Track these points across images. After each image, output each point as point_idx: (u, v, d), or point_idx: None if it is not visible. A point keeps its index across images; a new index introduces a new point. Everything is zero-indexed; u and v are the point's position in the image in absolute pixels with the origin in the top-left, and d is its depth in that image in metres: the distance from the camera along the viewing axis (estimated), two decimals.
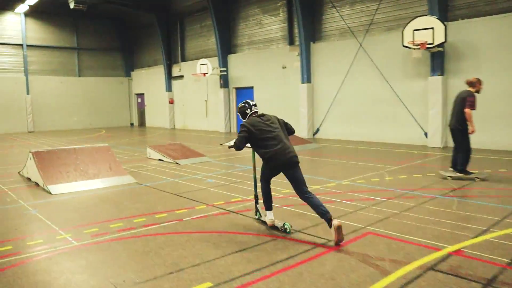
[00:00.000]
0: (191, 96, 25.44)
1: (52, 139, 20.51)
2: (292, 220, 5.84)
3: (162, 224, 5.87)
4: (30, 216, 6.53)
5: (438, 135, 14.11)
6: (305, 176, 5.47)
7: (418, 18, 13.68)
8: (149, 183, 8.81)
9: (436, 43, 13.18)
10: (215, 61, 22.47)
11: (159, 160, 12.01)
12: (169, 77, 26.88)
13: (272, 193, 5.80)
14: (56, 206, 7.16)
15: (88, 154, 8.98)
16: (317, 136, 18.40)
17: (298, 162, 5.33)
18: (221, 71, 22.17)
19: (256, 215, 5.99)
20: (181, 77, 26.18)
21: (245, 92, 21.85)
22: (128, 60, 31.07)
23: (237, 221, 5.99)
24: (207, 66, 21.66)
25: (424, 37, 13.33)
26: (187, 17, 25.55)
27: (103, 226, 5.87)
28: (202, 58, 23.14)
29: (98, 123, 29.74)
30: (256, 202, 5.96)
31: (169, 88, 26.96)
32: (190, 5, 24.78)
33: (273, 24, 20.32)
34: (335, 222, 4.85)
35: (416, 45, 13.49)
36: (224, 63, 22.28)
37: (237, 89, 22.42)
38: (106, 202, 7.30)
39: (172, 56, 26.87)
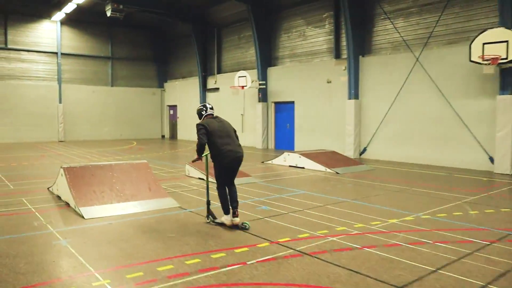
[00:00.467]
0: (226, 109, 24.37)
1: (83, 150, 19.74)
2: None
3: (222, 270, 4.68)
4: (60, 248, 5.44)
5: (507, 160, 12.59)
6: (373, 206, 4.30)
7: (490, 30, 12.27)
8: (193, 209, 7.65)
9: (511, 57, 11.75)
10: (254, 73, 21.43)
11: (200, 179, 10.89)
12: (204, 89, 25.99)
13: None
14: (90, 235, 6.05)
15: (125, 171, 7.92)
16: (364, 156, 17.05)
17: (241, 160, 6.35)
18: (260, 84, 21.10)
19: (207, 219, 6.63)
20: (216, 89, 25.25)
21: (285, 107, 20.72)
22: (162, 70, 30.41)
23: (316, 268, 4.75)
24: (246, 79, 20.61)
25: (497, 51, 11.92)
26: (224, 28, 24.69)
27: (149, 268, 4.71)
28: (240, 70, 22.12)
29: (129, 134, 29.04)
30: (208, 206, 6.67)
31: (203, 101, 26.03)
32: (228, 16, 23.91)
33: (318, 36, 19.18)
34: (236, 220, 6.25)
35: (487, 60, 12.09)
36: (263, 76, 21.22)
37: (276, 103, 21.29)
38: (148, 233, 6.16)
39: (208, 67, 26.00)
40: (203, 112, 6.47)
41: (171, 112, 30.27)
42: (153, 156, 17.43)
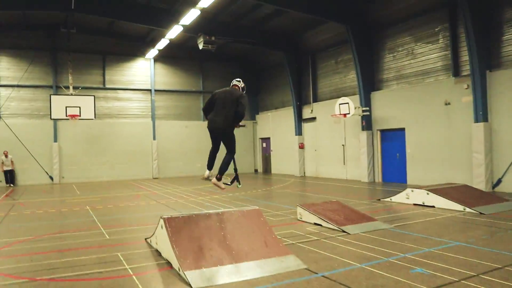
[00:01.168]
0: (325, 140, 22.60)
1: (178, 188, 18.83)
2: None
3: None
4: None
5: None
6: None
7: None
8: (327, 272, 5.78)
9: None
10: (355, 99, 19.45)
11: (315, 224, 9.07)
12: (299, 119, 24.42)
13: None
14: None
15: (234, 221, 6.37)
16: (497, 189, 14.26)
17: (221, 132, 6.88)
18: (363, 111, 19.06)
19: (231, 183, 7.48)
20: (313, 119, 23.58)
21: (393, 135, 18.44)
22: (253, 102, 29.39)
23: None
24: (349, 105, 18.69)
25: None
26: (319, 53, 23.13)
27: None
28: (338, 97, 20.28)
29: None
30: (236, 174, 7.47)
31: (299, 132, 24.44)
32: (324, 40, 22.36)
33: (430, 53, 16.90)
34: (210, 177, 7.38)
35: None
36: (366, 102, 19.19)
37: (383, 131, 19.07)
38: None
39: (303, 96, 24.48)
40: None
41: (264, 145, 29.00)
42: (251, 194, 15.96)
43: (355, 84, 20.24)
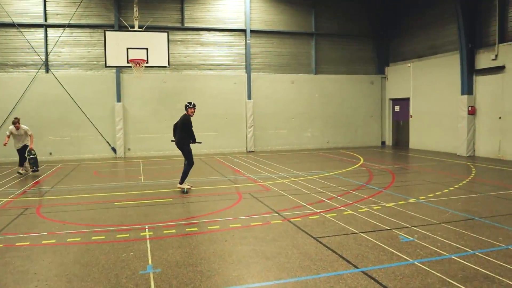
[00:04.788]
0: None
1: (292, 172, 11.75)
2: None
3: None
4: None
5: None
6: None
7: None
8: None
9: None
10: None
11: None
12: (470, 70, 15.95)
13: None
14: None
15: None
16: None
17: (180, 147, 9.65)
18: None
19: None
20: (497, 69, 15.07)
21: None
22: (382, 50, 21.38)
23: None
24: None
25: None
26: None
27: None
28: None
29: (337, 141, 20.80)
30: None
31: (468, 89, 16.03)
32: None
33: None
34: (180, 186, 9.72)
35: None
36: None
37: None
38: None
39: (477, 35, 15.90)
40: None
41: (397, 108, 20.90)
42: (414, 190, 8.44)
43: None
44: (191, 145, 9.74)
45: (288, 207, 8.04)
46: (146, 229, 6.73)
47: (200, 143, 10.19)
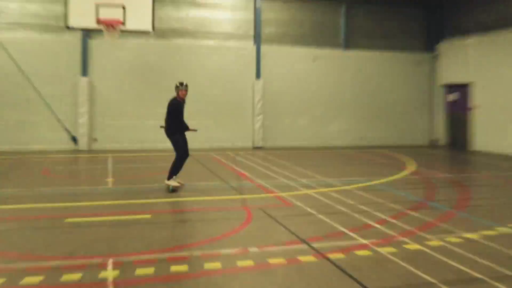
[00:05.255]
0: None
1: (313, 176, 11.11)
2: None
3: None
4: None
5: None
6: None
7: None
8: None
9: None
10: None
11: None
12: None
13: None
14: None
15: None
16: None
17: (168, 135, 9.96)
18: None
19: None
20: None
21: None
22: (434, 22, 21.62)
23: None
24: None
25: None
26: None
27: None
28: None
29: (374, 138, 20.99)
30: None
31: None
32: None
33: None
34: (167, 182, 9.84)
35: None
36: None
37: None
38: None
39: None
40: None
41: (453, 97, 20.29)
42: (502, 212, 7.58)
43: None
44: (186, 133, 10.21)
45: (322, 234, 6.88)
46: (110, 266, 5.55)
47: (196, 130, 10.48)
